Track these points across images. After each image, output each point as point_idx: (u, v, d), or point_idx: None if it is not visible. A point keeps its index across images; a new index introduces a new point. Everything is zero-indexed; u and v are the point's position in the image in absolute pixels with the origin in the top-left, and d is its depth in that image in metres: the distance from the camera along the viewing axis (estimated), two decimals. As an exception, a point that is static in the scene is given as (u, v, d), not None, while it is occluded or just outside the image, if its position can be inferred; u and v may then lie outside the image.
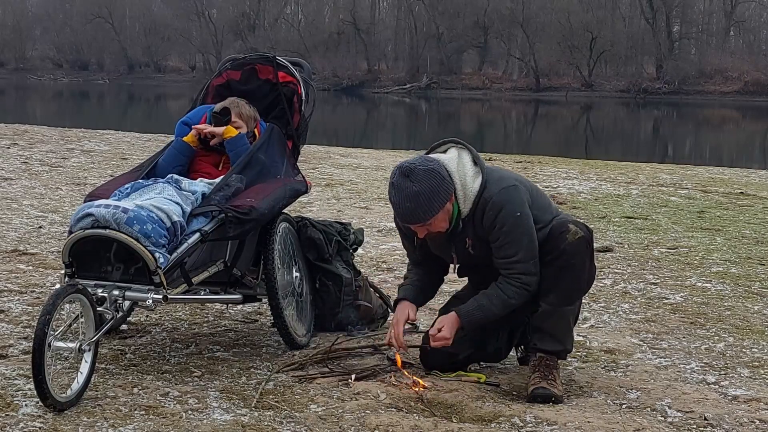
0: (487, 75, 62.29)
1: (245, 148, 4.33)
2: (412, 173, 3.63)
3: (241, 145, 4.33)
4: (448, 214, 3.73)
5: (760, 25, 64.90)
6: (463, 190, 3.73)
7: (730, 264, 6.50)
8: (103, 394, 3.61)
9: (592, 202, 9.44)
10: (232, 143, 4.33)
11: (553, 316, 3.83)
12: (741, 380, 4.09)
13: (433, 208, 3.65)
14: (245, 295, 4.25)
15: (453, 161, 3.77)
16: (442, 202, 3.67)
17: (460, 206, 3.73)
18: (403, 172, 3.65)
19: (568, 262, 3.75)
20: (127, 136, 15.26)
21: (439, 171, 3.67)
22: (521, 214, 3.72)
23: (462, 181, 3.73)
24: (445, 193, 3.67)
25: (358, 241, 4.88)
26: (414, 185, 3.62)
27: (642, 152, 24.72)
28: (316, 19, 70.18)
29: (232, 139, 4.33)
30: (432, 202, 3.64)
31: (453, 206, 3.73)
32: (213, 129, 4.36)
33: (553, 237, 3.77)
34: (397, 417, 3.47)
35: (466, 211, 3.75)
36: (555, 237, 3.77)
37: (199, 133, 4.37)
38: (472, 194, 3.73)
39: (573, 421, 3.48)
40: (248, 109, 4.46)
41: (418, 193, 3.62)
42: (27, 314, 4.66)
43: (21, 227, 6.95)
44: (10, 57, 73.94)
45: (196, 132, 4.38)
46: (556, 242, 3.76)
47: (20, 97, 48.16)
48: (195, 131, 4.38)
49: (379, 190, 9.72)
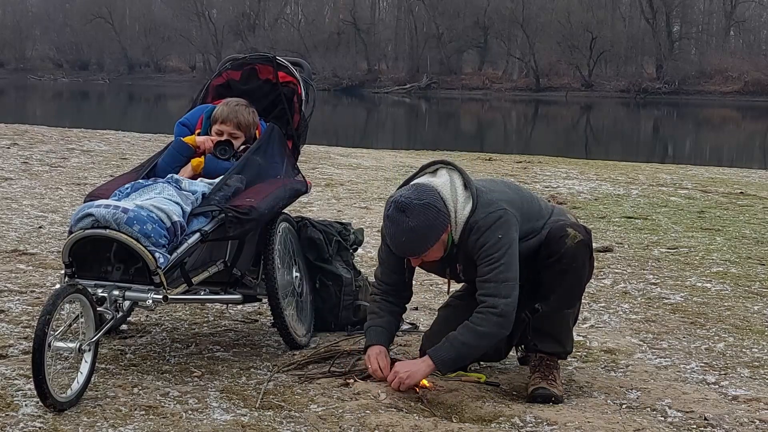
0: (487, 75, 62.34)
1: (223, 168, 4.27)
2: (407, 208, 3.57)
3: (218, 168, 4.28)
4: (443, 244, 3.68)
5: (760, 25, 64.94)
6: (455, 218, 3.67)
7: (730, 264, 6.50)
8: (103, 394, 3.61)
9: (592, 202, 9.44)
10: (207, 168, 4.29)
11: (553, 319, 3.83)
12: (741, 380, 4.09)
13: (429, 241, 3.61)
14: (245, 295, 4.25)
15: (446, 187, 3.69)
16: (438, 235, 3.62)
17: (453, 234, 3.69)
18: (399, 206, 3.58)
19: (569, 265, 3.73)
20: (127, 136, 15.26)
21: (434, 204, 3.59)
22: (503, 236, 3.63)
23: (454, 207, 3.66)
24: (441, 226, 3.61)
25: (358, 241, 4.88)
26: (410, 220, 3.56)
27: (642, 152, 24.73)
28: (316, 19, 70.21)
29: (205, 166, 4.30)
30: (428, 237, 3.60)
31: (448, 236, 3.68)
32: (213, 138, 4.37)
33: (552, 240, 3.75)
34: (397, 417, 3.47)
35: (456, 237, 3.70)
36: (555, 241, 3.74)
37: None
38: (462, 220, 3.67)
39: (573, 421, 3.48)
40: (247, 115, 4.41)
41: (413, 228, 3.57)
42: (27, 314, 4.66)
43: (21, 227, 6.95)
44: (10, 57, 73.99)
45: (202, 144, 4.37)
46: (556, 246, 3.73)
47: (20, 97, 48.20)
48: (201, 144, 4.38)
49: (379, 190, 9.72)
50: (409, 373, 3.68)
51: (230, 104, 4.44)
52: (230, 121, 4.37)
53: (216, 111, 4.44)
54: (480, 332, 3.64)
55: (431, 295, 5.40)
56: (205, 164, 4.29)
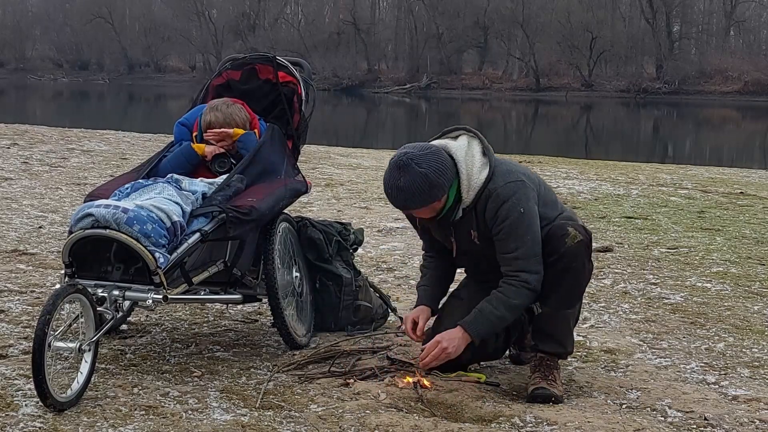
0: (487, 75, 62.33)
1: (254, 143, 4.35)
2: (402, 167, 3.63)
3: (250, 142, 4.35)
4: (434, 211, 3.74)
5: (760, 25, 64.93)
6: (468, 181, 3.70)
7: (730, 264, 6.50)
8: (103, 394, 3.61)
9: (592, 202, 9.44)
10: (243, 141, 4.36)
11: (553, 319, 3.83)
12: (741, 380, 4.09)
13: (415, 203, 3.68)
14: (245, 295, 4.25)
15: (462, 149, 3.75)
16: (425, 202, 3.67)
17: (463, 196, 3.72)
18: (397, 163, 3.66)
19: (569, 265, 3.73)
20: (127, 136, 15.26)
21: (428, 175, 3.62)
22: (525, 210, 3.68)
23: (468, 171, 3.71)
24: (439, 190, 3.66)
25: (358, 241, 4.88)
26: (400, 180, 3.63)
27: (642, 152, 24.72)
28: (316, 19, 70.21)
29: (242, 137, 4.36)
30: (415, 199, 3.66)
31: (450, 192, 3.71)
32: (218, 132, 4.36)
33: (552, 239, 3.74)
34: (397, 417, 3.47)
35: (468, 201, 3.73)
36: (555, 240, 3.74)
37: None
38: (477, 185, 3.70)
39: (573, 421, 3.48)
40: (239, 113, 4.41)
41: (401, 188, 3.63)
42: (27, 314, 4.66)
43: (21, 227, 6.95)
44: (10, 57, 74.00)
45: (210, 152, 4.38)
46: (556, 245, 3.73)
47: (20, 97, 48.19)
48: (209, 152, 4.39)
49: (379, 190, 9.70)
50: (455, 346, 3.73)
51: (220, 109, 4.41)
52: (228, 125, 4.37)
53: (209, 119, 4.40)
54: (514, 305, 3.72)
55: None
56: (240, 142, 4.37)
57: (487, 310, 3.73)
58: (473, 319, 3.74)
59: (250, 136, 4.38)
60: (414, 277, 5.76)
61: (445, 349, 3.72)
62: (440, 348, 3.73)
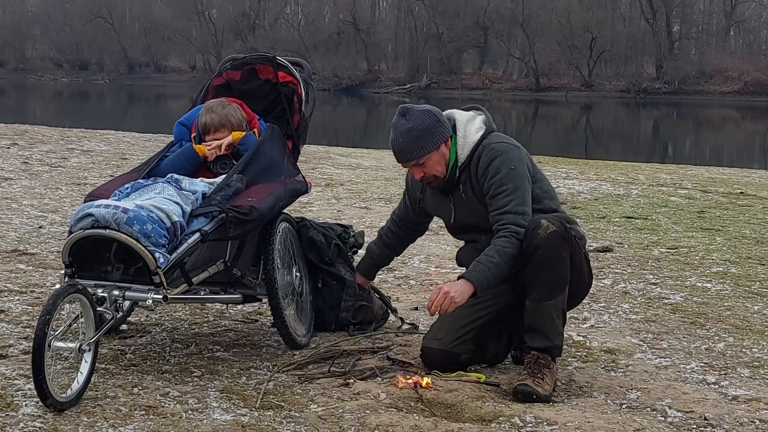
0: (487, 75, 62.32)
1: (254, 142, 4.36)
2: (408, 112, 3.87)
3: (251, 142, 4.35)
4: (443, 158, 3.88)
5: (760, 25, 64.93)
6: (464, 139, 3.90)
7: (730, 264, 6.50)
8: (103, 394, 3.61)
9: (592, 202, 9.44)
10: (244, 143, 4.36)
11: (537, 312, 3.84)
12: (741, 380, 4.09)
13: (425, 145, 3.83)
14: (245, 295, 4.25)
15: (464, 115, 3.98)
16: (436, 142, 3.85)
17: (458, 152, 3.88)
18: (401, 111, 3.89)
19: (544, 256, 3.76)
20: (127, 136, 15.26)
21: (435, 114, 3.88)
22: (516, 168, 3.84)
23: (465, 130, 3.92)
24: (439, 135, 3.87)
25: (357, 244, 4.86)
26: (408, 122, 3.84)
27: (642, 152, 24.71)
28: (316, 19, 70.20)
29: (242, 138, 4.36)
30: (424, 139, 3.83)
31: (450, 152, 3.87)
32: (218, 144, 4.35)
33: (527, 232, 3.80)
34: (397, 417, 3.47)
35: (463, 158, 3.88)
36: (528, 233, 3.80)
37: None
38: (471, 142, 3.89)
39: (573, 421, 3.48)
40: (235, 113, 4.40)
41: (411, 129, 3.83)
42: (27, 314, 4.66)
43: (21, 227, 6.95)
44: (10, 57, 73.98)
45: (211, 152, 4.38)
46: (529, 238, 3.79)
47: (20, 97, 48.18)
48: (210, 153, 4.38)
49: (379, 190, 9.72)
50: (458, 292, 3.74)
51: (215, 110, 4.39)
52: (224, 126, 4.36)
53: (204, 121, 4.39)
54: (507, 252, 3.79)
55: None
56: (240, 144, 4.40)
57: (484, 259, 3.81)
58: (472, 269, 3.82)
59: (251, 137, 4.38)
60: (414, 277, 5.76)
61: (448, 294, 3.74)
62: (443, 293, 3.75)
